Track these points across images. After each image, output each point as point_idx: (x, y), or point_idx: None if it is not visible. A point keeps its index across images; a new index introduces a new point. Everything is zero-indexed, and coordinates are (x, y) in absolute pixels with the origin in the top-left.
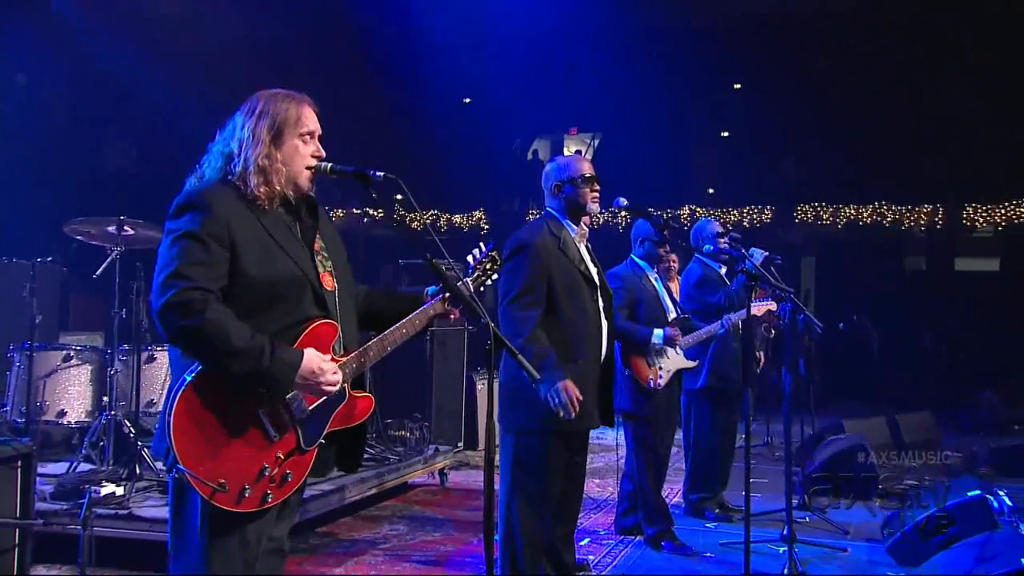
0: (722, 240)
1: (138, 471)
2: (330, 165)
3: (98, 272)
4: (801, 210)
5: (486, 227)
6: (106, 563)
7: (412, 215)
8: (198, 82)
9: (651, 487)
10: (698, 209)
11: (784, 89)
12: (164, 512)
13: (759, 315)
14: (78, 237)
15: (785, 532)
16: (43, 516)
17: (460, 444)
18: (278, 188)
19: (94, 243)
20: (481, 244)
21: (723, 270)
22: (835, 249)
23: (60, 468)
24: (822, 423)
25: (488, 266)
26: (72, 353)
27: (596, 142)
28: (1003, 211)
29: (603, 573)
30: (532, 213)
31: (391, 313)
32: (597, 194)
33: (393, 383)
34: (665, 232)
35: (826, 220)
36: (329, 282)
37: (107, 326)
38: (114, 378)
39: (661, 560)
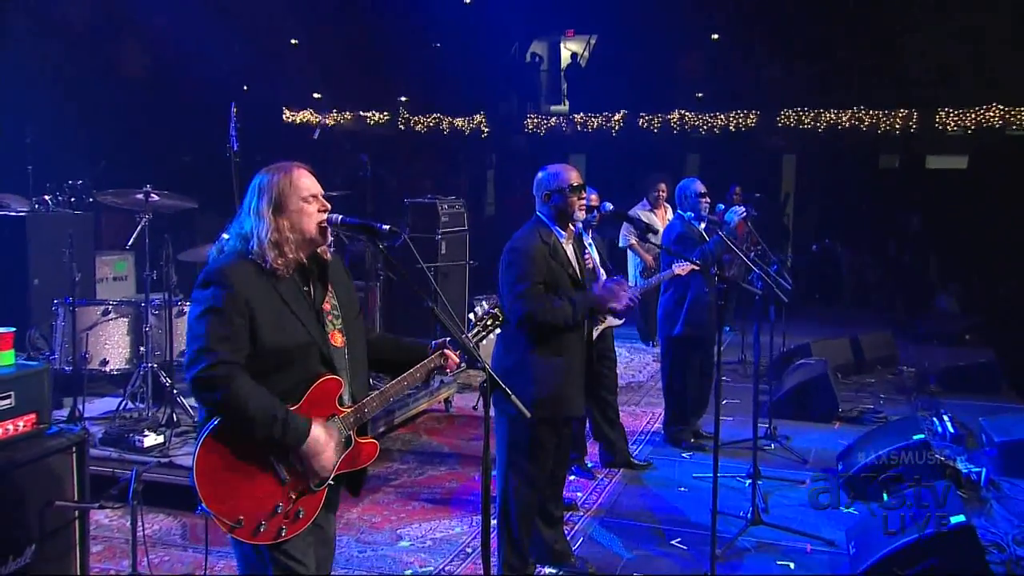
0: (703, 200)
1: (175, 418)
2: (340, 218)
3: (130, 242)
4: (784, 115)
5: (486, 130)
6: (151, 504)
7: (416, 119)
8: None
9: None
10: (687, 113)
11: None
12: None
13: (683, 274)
14: (108, 203)
15: (750, 469)
16: (94, 462)
17: (463, 365)
18: (291, 256)
19: (124, 208)
20: (484, 302)
21: (702, 226)
22: (814, 149)
23: (106, 404)
24: (793, 334)
25: (489, 323)
26: (110, 308)
27: (592, 43)
28: (973, 115)
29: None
30: (530, 117)
31: (396, 361)
32: (584, 203)
33: (400, 318)
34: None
35: (807, 124)
36: (338, 339)
37: (139, 280)
38: (149, 334)
39: (642, 497)
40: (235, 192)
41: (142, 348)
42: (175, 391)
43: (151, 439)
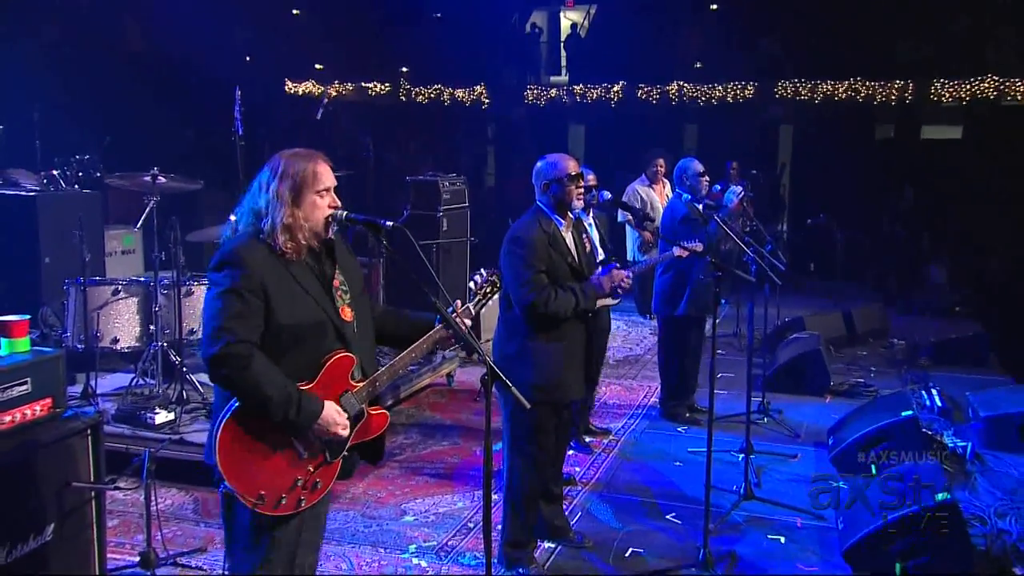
0: (704, 179)
1: (185, 396)
2: (345, 214)
3: (139, 223)
4: (781, 86)
5: (487, 101)
6: (163, 479)
7: (417, 90)
8: None
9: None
10: (685, 84)
11: None
12: None
13: (683, 256)
14: (116, 185)
15: (743, 444)
16: (108, 439)
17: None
18: (302, 242)
19: (132, 189)
20: (482, 270)
21: (701, 206)
22: (811, 119)
23: (118, 379)
24: (787, 307)
25: (488, 290)
26: (120, 287)
27: (591, 14)
28: (967, 87)
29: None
30: (530, 88)
31: (402, 335)
32: (582, 191)
33: (403, 295)
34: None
35: (804, 95)
36: (348, 314)
37: (147, 255)
38: (158, 313)
39: (639, 472)
40: (240, 173)
41: (152, 327)
42: (184, 369)
43: (162, 416)
